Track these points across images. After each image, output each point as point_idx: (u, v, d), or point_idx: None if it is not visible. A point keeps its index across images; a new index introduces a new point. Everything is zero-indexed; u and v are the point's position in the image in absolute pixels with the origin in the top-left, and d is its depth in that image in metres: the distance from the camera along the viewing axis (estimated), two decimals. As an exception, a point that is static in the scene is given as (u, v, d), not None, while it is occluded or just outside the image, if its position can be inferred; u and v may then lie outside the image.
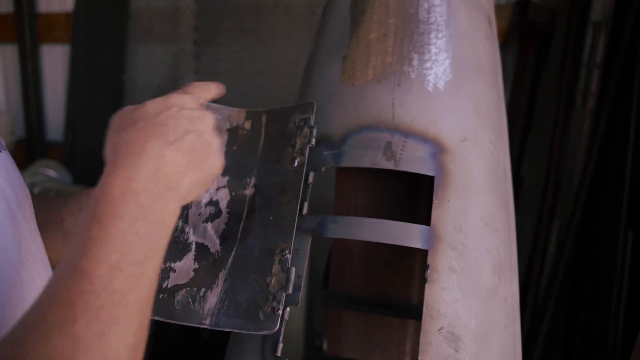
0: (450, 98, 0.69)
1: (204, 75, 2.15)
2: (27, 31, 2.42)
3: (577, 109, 1.64)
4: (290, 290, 0.53)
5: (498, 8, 1.82)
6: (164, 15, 2.18)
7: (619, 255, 1.53)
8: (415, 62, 0.70)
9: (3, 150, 0.50)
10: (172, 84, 2.22)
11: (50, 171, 1.85)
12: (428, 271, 0.58)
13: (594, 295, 1.63)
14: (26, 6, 2.42)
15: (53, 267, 0.66)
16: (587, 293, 1.67)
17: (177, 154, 0.43)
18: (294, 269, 0.54)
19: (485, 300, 0.61)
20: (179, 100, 0.47)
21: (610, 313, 1.53)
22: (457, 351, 0.56)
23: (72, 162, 2.37)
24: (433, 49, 0.71)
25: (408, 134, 0.65)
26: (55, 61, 2.54)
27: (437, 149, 0.65)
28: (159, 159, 0.42)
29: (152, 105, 0.46)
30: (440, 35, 0.73)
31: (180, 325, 0.54)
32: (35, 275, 0.49)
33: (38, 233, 0.52)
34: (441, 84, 0.69)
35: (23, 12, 2.41)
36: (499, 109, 0.78)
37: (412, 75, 0.69)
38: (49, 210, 0.63)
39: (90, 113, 2.32)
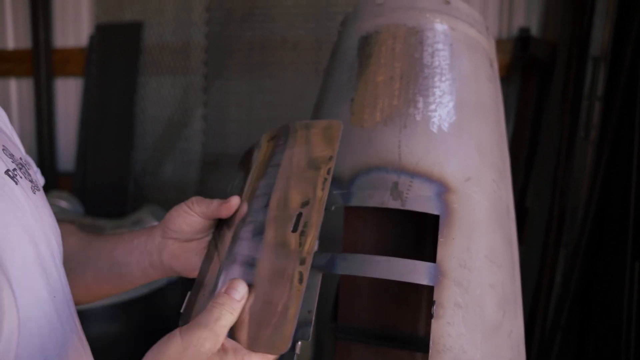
0: (454, 139, 0.72)
1: (213, 108, 2.20)
2: (42, 65, 2.51)
3: (579, 141, 1.67)
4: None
5: (500, 42, 1.87)
6: (175, 49, 2.26)
7: (626, 286, 1.53)
8: (420, 105, 0.74)
9: (37, 192, 0.52)
10: (181, 117, 2.28)
11: (63, 202, 1.89)
12: (434, 307, 0.60)
13: (603, 327, 1.63)
14: (43, 42, 2.51)
15: (96, 298, 0.69)
16: (595, 325, 1.66)
17: None
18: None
19: (490, 335, 0.63)
20: None
21: (620, 345, 1.52)
22: (464, 386, 0.57)
23: (83, 192, 2.42)
24: (437, 92, 0.75)
25: (414, 174, 0.68)
26: (68, 94, 2.62)
27: (442, 189, 0.67)
28: None
29: None
30: (444, 78, 0.77)
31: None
32: (60, 310, 0.51)
33: (64, 270, 0.55)
34: (445, 126, 0.73)
35: (40, 48, 2.51)
36: (502, 148, 0.81)
37: (418, 118, 0.73)
38: (105, 242, 0.66)
39: (101, 144, 2.38)
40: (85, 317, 1.52)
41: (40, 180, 0.62)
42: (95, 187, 2.38)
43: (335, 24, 0.95)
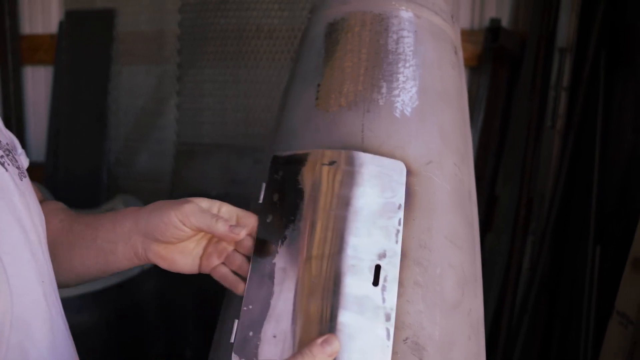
0: (417, 123, 0.74)
1: (187, 97, 2.19)
2: (9, 53, 2.44)
3: (546, 130, 1.72)
4: None
5: (471, 33, 1.91)
6: (148, 38, 2.23)
7: (588, 270, 1.59)
8: (384, 90, 0.75)
9: (24, 178, 0.52)
10: (155, 106, 2.25)
11: (32, 192, 1.86)
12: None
13: (567, 311, 1.69)
14: (9, 28, 2.44)
15: (84, 281, 0.67)
16: (560, 309, 1.72)
17: None
18: None
19: (449, 313, 0.65)
20: None
21: (581, 327, 1.58)
22: (422, 360, 0.60)
23: (55, 183, 2.38)
24: (401, 78, 0.77)
25: (377, 157, 0.69)
26: (38, 83, 2.56)
27: (404, 172, 0.69)
28: None
29: None
30: (407, 64, 0.78)
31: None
32: (48, 295, 0.51)
33: (49, 255, 0.55)
34: (408, 110, 0.74)
35: (6, 34, 2.44)
36: (464, 134, 0.83)
37: (381, 102, 0.74)
38: (85, 226, 0.64)
39: (73, 134, 2.34)
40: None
41: (25, 162, 0.61)
42: (68, 178, 2.34)
43: (310, 12, 0.95)
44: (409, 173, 0.69)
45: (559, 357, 1.67)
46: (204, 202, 0.60)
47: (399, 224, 0.60)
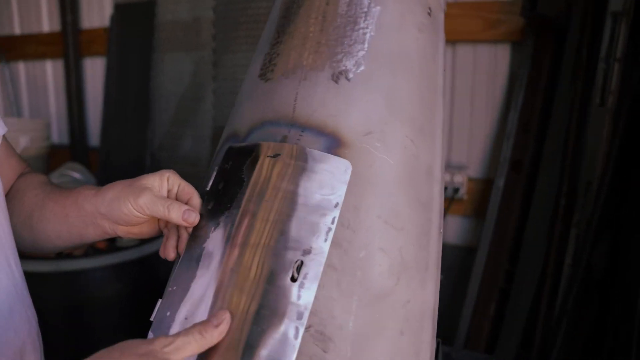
0: (359, 90, 0.66)
1: (222, 81, 2.21)
2: (70, 46, 2.63)
3: (595, 108, 1.51)
4: None
5: (511, 4, 1.72)
6: (186, 25, 2.28)
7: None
8: (325, 56, 0.68)
9: None
10: (194, 92, 2.30)
11: (76, 174, 1.99)
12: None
13: (620, 313, 1.49)
14: (71, 24, 2.62)
15: (64, 249, 0.72)
16: (613, 311, 1.52)
17: None
18: None
19: (372, 302, 0.58)
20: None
21: (633, 334, 1.39)
22: (325, 352, 0.53)
23: (106, 166, 2.53)
24: (346, 41, 0.69)
25: (305, 127, 0.63)
26: (96, 72, 2.73)
27: (334, 143, 0.62)
28: None
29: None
30: (356, 27, 0.70)
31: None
32: None
33: (5, 218, 0.59)
34: (350, 77, 0.67)
35: (67, 30, 2.62)
36: (429, 103, 0.73)
37: (320, 69, 0.67)
38: (55, 203, 0.68)
39: (122, 121, 2.47)
40: (82, 277, 1.59)
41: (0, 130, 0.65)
42: (117, 162, 2.48)
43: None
44: (341, 144, 0.62)
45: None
46: (155, 182, 0.63)
47: (332, 222, 0.56)
